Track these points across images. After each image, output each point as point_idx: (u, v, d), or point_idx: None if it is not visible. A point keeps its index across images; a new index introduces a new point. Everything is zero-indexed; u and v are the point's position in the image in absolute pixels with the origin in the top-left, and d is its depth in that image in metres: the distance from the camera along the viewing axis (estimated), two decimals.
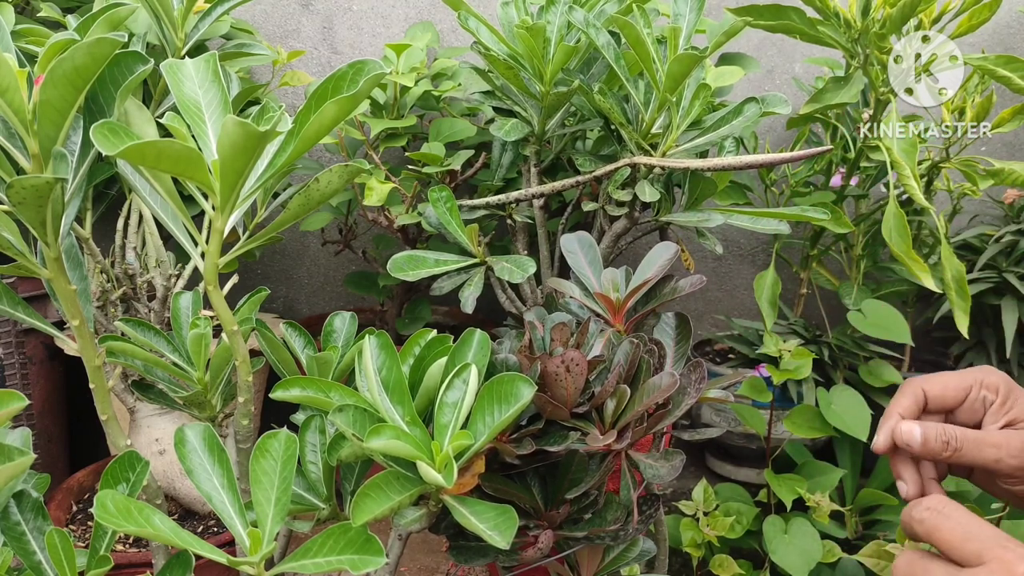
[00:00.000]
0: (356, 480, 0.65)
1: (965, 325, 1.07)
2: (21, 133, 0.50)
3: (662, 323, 0.78)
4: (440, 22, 1.48)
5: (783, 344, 1.11)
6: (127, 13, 0.55)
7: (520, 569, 0.66)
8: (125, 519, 0.48)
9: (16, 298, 0.60)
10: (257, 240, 0.60)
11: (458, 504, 0.56)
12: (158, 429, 1.04)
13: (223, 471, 0.55)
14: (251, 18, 1.48)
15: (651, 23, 0.88)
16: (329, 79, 0.53)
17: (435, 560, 1.24)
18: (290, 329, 0.74)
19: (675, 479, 0.64)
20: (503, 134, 0.97)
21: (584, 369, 0.62)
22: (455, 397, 0.57)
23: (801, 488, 1.09)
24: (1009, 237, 1.30)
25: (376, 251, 1.42)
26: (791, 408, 1.17)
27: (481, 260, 0.93)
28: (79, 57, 0.47)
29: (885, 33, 1.04)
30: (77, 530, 1.04)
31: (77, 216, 0.60)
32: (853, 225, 1.21)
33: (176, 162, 0.47)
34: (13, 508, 0.56)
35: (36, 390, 1.27)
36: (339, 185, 0.58)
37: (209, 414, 0.73)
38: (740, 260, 1.58)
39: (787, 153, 0.91)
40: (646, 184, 0.92)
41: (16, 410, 0.50)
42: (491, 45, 0.95)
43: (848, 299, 1.25)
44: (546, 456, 0.64)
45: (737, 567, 1.06)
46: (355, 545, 0.51)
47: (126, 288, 1.06)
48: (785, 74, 1.51)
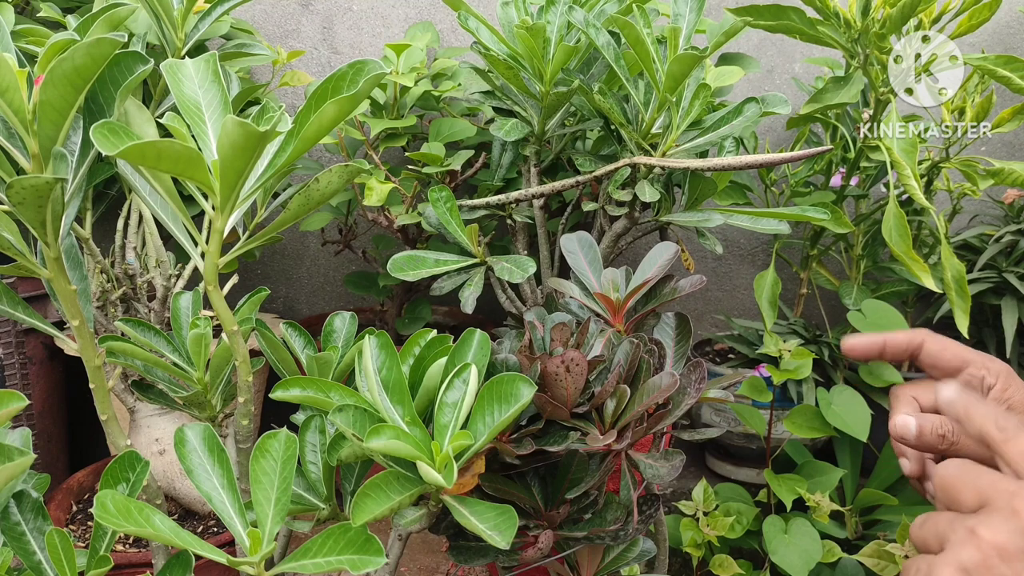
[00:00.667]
0: (356, 480, 0.65)
1: (965, 325, 1.07)
2: (21, 133, 0.50)
3: (662, 323, 0.78)
4: (440, 22, 1.48)
5: (783, 344, 1.11)
6: (127, 13, 0.55)
7: (520, 569, 0.66)
8: (125, 519, 0.48)
9: (16, 298, 0.60)
10: (257, 240, 0.60)
11: (458, 504, 0.56)
12: (158, 429, 1.04)
13: (223, 471, 0.55)
14: (251, 18, 1.48)
15: (651, 23, 0.88)
16: (329, 79, 0.53)
17: (435, 560, 1.24)
18: (290, 329, 0.74)
19: (675, 479, 0.64)
20: (503, 134, 0.97)
21: (584, 369, 0.62)
22: (455, 397, 0.57)
23: (801, 488, 1.09)
24: (1009, 237, 1.30)
25: (376, 251, 1.42)
26: (791, 408, 1.17)
27: (481, 260, 0.93)
28: (79, 57, 0.47)
29: (885, 33, 1.04)
30: (77, 530, 1.04)
31: (77, 216, 0.60)
32: (853, 225, 1.21)
33: (176, 162, 0.47)
34: (13, 508, 0.56)
35: (36, 390, 1.27)
36: (339, 185, 0.58)
37: (209, 414, 0.73)
38: (740, 260, 1.58)
39: (787, 153, 0.91)
40: (646, 184, 0.92)
41: (16, 410, 0.50)
42: (491, 45, 0.95)
43: (848, 299, 1.25)
44: (546, 456, 0.64)
45: (737, 567, 1.06)
46: (355, 545, 0.51)
47: (126, 288, 1.06)
48: (785, 74, 1.51)
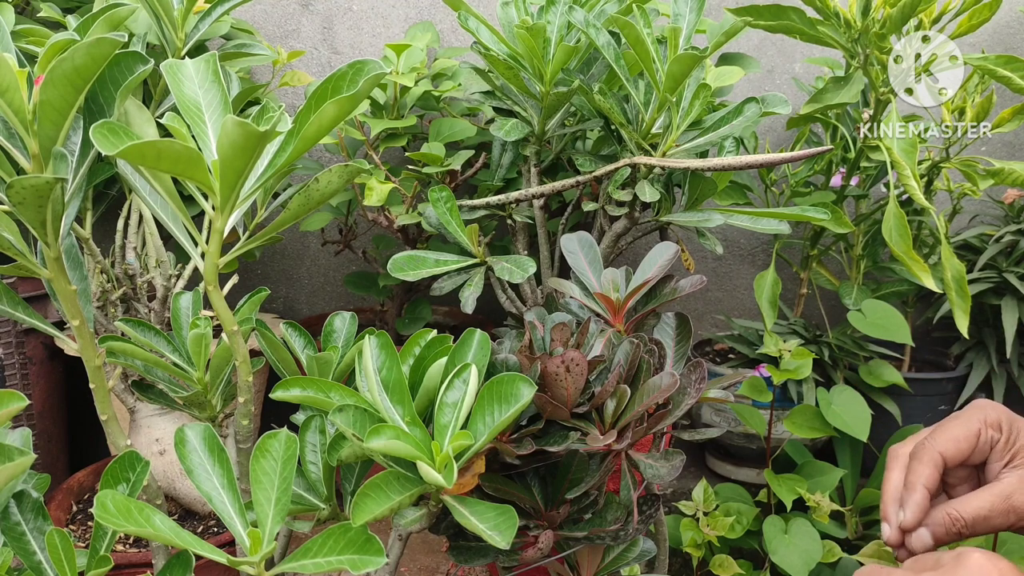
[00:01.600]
0: (356, 480, 0.65)
1: (965, 325, 1.07)
2: (21, 133, 0.50)
3: (662, 323, 0.78)
4: (440, 22, 1.48)
5: (783, 344, 1.11)
6: (127, 13, 0.55)
7: (520, 569, 0.66)
8: (125, 519, 0.48)
9: (16, 298, 0.60)
10: (257, 240, 0.60)
11: (458, 504, 0.56)
12: (158, 429, 1.04)
13: (223, 471, 0.55)
14: (251, 18, 1.48)
15: (651, 23, 0.88)
16: (329, 79, 0.53)
17: (435, 560, 1.24)
18: (290, 329, 0.74)
19: (675, 479, 0.64)
20: (503, 134, 0.97)
21: (584, 369, 0.62)
22: (455, 397, 0.57)
23: (801, 488, 1.09)
24: (1009, 237, 1.30)
25: (376, 251, 1.42)
26: (791, 408, 1.17)
27: (481, 260, 0.93)
28: (79, 57, 0.47)
29: (885, 33, 1.04)
30: (77, 530, 1.04)
31: (77, 216, 0.60)
32: (853, 225, 1.21)
33: (176, 162, 0.47)
34: (13, 508, 0.56)
35: (36, 390, 1.27)
36: (339, 185, 0.58)
37: (209, 414, 0.73)
38: (740, 260, 1.58)
39: (787, 153, 0.91)
40: (646, 184, 0.92)
41: (16, 410, 0.50)
42: (491, 45, 0.95)
43: (848, 299, 1.25)
44: (546, 456, 0.64)
45: (737, 567, 1.06)
46: (355, 545, 0.51)
47: (126, 288, 1.06)
48: (785, 74, 1.51)
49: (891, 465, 0.58)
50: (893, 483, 0.57)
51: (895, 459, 0.58)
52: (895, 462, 0.58)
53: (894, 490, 0.57)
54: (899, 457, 0.58)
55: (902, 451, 0.59)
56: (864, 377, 1.24)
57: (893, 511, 0.56)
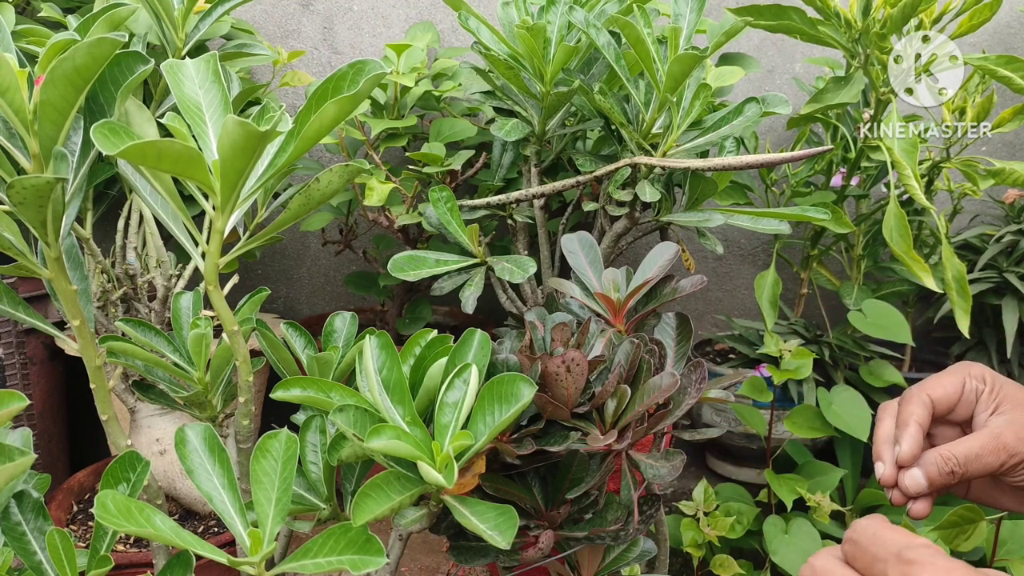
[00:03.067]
0: (356, 480, 0.65)
1: (966, 325, 1.07)
2: (21, 133, 0.50)
3: (663, 323, 0.78)
4: (440, 22, 1.48)
5: (783, 344, 1.11)
6: (127, 13, 0.55)
7: (521, 569, 0.66)
8: (126, 519, 0.48)
9: (17, 298, 0.60)
10: (257, 240, 0.60)
11: (459, 504, 0.56)
12: (159, 429, 1.04)
13: (223, 471, 0.55)
14: (251, 18, 1.48)
15: (651, 23, 0.88)
16: (329, 79, 0.53)
17: (435, 560, 1.24)
18: (290, 329, 0.74)
19: (675, 479, 0.64)
20: (503, 134, 0.97)
21: (585, 369, 0.62)
22: (455, 397, 0.57)
23: (802, 488, 1.09)
24: (1010, 237, 1.30)
25: (376, 251, 1.42)
26: (791, 408, 1.17)
27: (481, 260, 0.93)
28: (79, 57, 0.47)
29: (886, 33, 1.04)
30: (78, 530, 1.04)
31: (78, 216, 0.60)
32: (854, 225, 1.21)
33: (176, 162, 0.47)
34: (14, 508, 0.56)
35: (37, 390, 1.27)
36: (339, 185, 0.57)
37: (210, 414, 0.73)
38: (740, 260, 1.58)
39: (787, 153, 0.91)
40: (646, 184, 0.92)
41: (16, 410, 0.50)
42: (491, 45, 0.95)
43: (849, 299, 1.25)
44: (547, 456, 0.64)
45: (738, 567, 1.06)
46: (355, 545, 0.51)
47: (127, 288, 1.06)
48: (785, 74, 1.51)
49: (882, 416, 0.60)
50: (885, 428, 0.58)
51: (885, 410, 0.60)
52: (885, 412, 0.60)
53: (887, 433, 0.58)
54: (888, 407, 0.60)
55: (891, 404, 0.60)
56: (865, 377, 1.24)
57: (887, 449, 0.57)
